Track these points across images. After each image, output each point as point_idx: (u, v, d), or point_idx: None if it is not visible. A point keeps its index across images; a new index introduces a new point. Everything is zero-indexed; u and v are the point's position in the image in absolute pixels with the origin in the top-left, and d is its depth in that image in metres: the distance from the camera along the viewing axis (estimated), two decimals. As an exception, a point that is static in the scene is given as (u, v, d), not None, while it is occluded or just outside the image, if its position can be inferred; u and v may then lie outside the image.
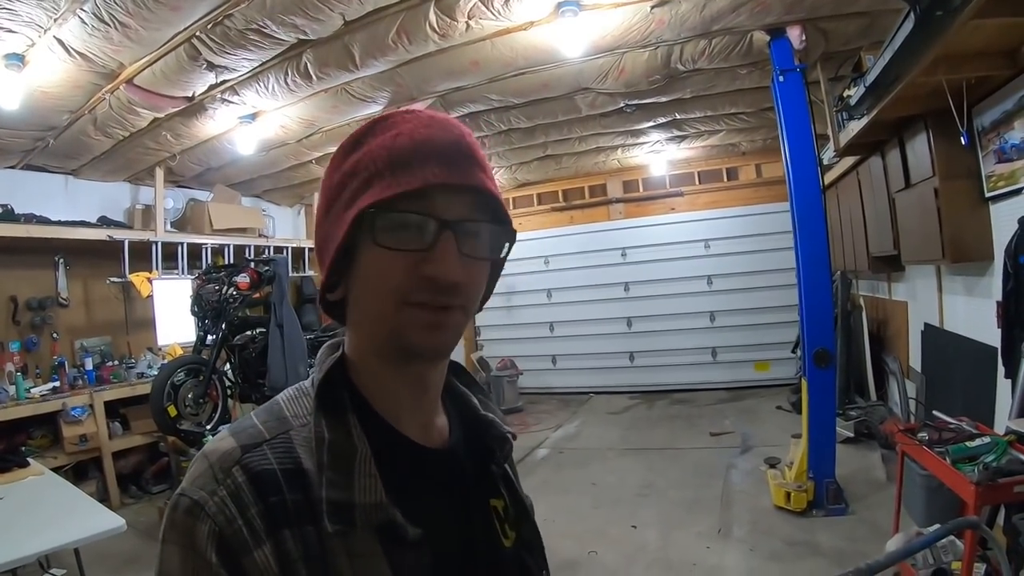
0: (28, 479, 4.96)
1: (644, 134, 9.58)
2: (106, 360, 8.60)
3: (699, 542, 5.54)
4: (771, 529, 5.61)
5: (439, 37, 5.39)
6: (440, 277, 0.89)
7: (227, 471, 0.85)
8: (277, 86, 6.20)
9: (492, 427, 1.15)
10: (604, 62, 6.53)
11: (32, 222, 7.65)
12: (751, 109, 8.36)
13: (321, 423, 0.91)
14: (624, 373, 12.33)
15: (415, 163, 0.89)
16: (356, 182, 0.92)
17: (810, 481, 5.79)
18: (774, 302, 11.13)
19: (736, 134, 9.76)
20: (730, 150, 11.02)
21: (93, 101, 6.20)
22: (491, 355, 12.57)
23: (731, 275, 11.56)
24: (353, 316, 1.00)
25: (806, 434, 5.92)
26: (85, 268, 8.67)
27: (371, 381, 0.99)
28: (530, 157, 10.64)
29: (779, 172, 10.49)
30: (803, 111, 5.91)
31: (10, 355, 7.63)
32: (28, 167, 8.01)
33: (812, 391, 5.91)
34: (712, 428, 9.00)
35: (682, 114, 8.49)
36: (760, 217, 11.32)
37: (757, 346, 11.35)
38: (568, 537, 5.82)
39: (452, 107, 7.40)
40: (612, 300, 12.40)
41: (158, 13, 4.57)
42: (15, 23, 4.57)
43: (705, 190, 11.94)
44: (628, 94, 7.43)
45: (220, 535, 0.80)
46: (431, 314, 0.91)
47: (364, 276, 0.93)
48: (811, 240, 5.90)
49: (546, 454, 8.81)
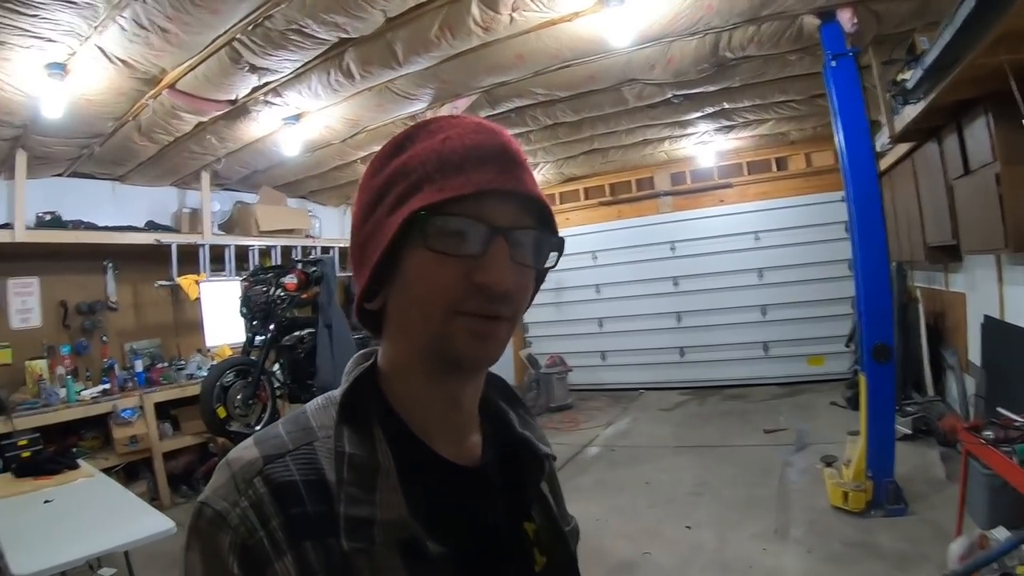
0: (79, 481, 4.98)
1: (692, 125, 9.45)
2: (156, 362, 8.73)
3: (755, 543, 5.39)
4: (829, 530, 5.43)
5: (482, 31, 5.30)
6: (493, 285, 0.86)
7: (249, 481, 0.84)
8: (320, 86, 6.17)
9: (528, 446, 1.12)
10: (651, 52, 6.39)
11: (80, 228, 7.79)
12: (801, 96, 8.16)
13: (343, 436, 0.90)
14: (675, 369, 12.14)
15: (467, 167, 0.87)
16: (403, 185, 0.90)
17: (869, 480, 5.60)
18: (827, 295, 10.88)
19: (785, 123, 9.58)
20: (779, 139, 10.79)
21: (137, 107, 6.23)
22: (540, 352, 12.35)
23: (782, 267, 11.30)
24: (392, 325, 0.97)
25: (864, 431, 5.72)
26: (134, 272, 8.81)
27: (404, 394, 0.96)
28: (577, 151, 10.56)
29: (830, 161, 10.53)
30: (857, 96, 5.71)
31: (61, 358, 7.78)
32: (75, 174, 8.11)
33: (871, 387, 5.70)
34: (766, 425, 8.78)
35: (730, 103, 8.32)
36: (811, 208, 11.05)
37: (810, 340, 11.04)
38: (622, 537, 5.76)
39: (497, 102, 7.36)
40: (661, 295, 12.22)
41: (198, 16, 4.54)
42: (56, 32, 4.57)
43: (754, 181, 11.69)
44: (676, 84, 7.30)
45: (242, 546, 0.80)
46: (481, 324, 0.89)
47: (410, 282, 0.90)
48: (868, 230, 5.70)
49: (598, 452, 8.70)
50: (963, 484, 4.57)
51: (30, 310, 7.89)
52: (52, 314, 8.04)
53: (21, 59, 4.91)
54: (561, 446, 8.84)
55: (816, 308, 11.04)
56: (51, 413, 7.02)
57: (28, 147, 6.93)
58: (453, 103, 7.21)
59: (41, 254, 7.74)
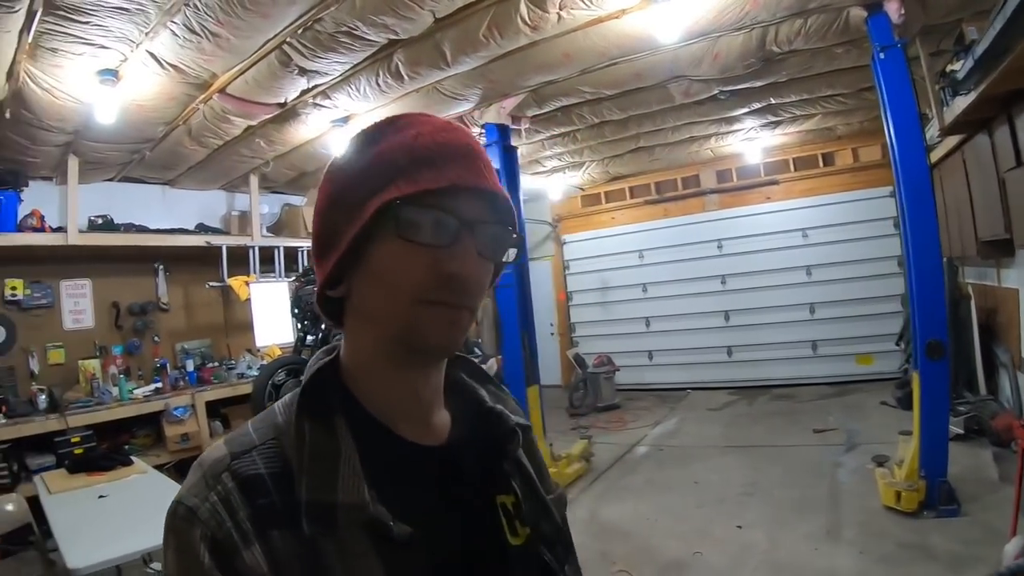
0: (132, 477, 5.04)
1: (738, 121, 9.33)
2: (206, 362, 8.90)
3: (807, 544, 5.29)
4: (881, 531, 5.31)
5: (531, 30, 5.28)
6: (460, 274, 0.91)
7: (217, 477, 0.88)
8: (369, 88, 6.18)
9: (500, 420, 1.13)
10: (698, 47, 6.32)
11: (131, 231, 7.96)
12: (848, 90, 8.04)
13: (304, 426, 0.92)
14: (722, 368, 12.05)
15: (438, 163, 0.91)
16: (375, 176, 0.93)
17: (921, 480, 5.47)
18: (876, 292, 10.73)
19: (832, 117, 9.45)
20: (826, 134, 10.64)
21: (187, 112, 6.30)
22: (587, 352, 12.31)
23: (830, 265, 11.13)
24: (356, 314, 0.99)
25: (917, 430, 5.60)
26: (184, 274, 8.97)
27: (366, 382, 0.99)
28: (623, 150, 10.47)
29: (877, 156, 10.48)
30: (906, 88, 5.56)
31: (113, 358, 7.96)
32: (126, 179, 8.29)
33: (924, 385, 5.55)
34: (815, 424, 8.66)
35: (777, 98, 8.20)
36: (859, 203, 10.92)
37: (859, 338, 10.86)
38: (673, 537, 5.71)
39: (544, 101, 7.34)
40: (709, 293, 12.14)
41: (249, 21, 4.56)
42: (108, 39, 4.62)
43: (801, 177, 11.55)
44: (723, 80, 7.20)
45: (212, 538, 0.83)
46: (448, 312, 0.93)
47: (378, 270, 0.93)
48: (920, 224, 5.56)
49: (646, 451, 8.64)
50: (1019, 484, 4.48)
51: (83, 311, 8.06)
52: (105, 315, 8.21)
53: (73, 66, 4.98)
54: (609, 445, 8.84)
55: (865, 306, 10.87)
56: (104, 411, 7.18)
57: (80, 152, 7.05)
58: (500, 103, 7.21)
59: (94, 256, 7.89)
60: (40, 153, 6.79)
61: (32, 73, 5.04)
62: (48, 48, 4.69)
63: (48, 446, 6.64)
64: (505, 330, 7.45)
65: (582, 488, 7.29)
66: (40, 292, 7.68)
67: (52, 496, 4.68)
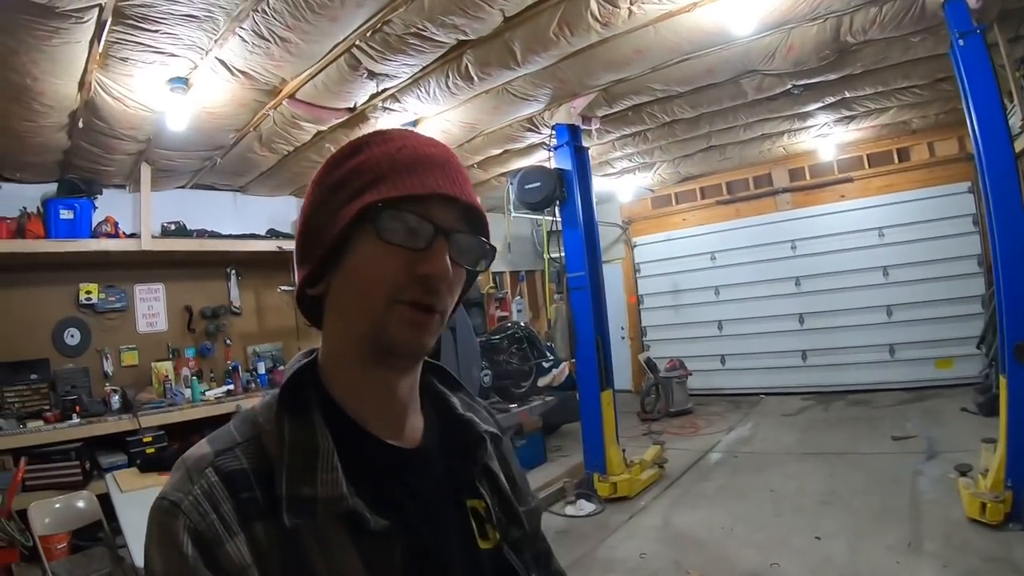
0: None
1: (811, 116, 9.11)
2: (278, 365, 9.02)
3: (888, 556, 5.09)
4: (965, 543, 5.06)
5: (601, 26, 5.18)
6: (434, 275, 0.95)
7: (200, 472, 0.91)
8: (438, 90, 6.15)
9: (470, 427, 1.18)
10: (771, 40, 6.17)
11: (203, 236, 8.10)
12: (924, 81, 7.78)
13: (284, 423, 0.96)
14: (797, 373, 11.76)
15: (419, 171, 0.98)
16: (358, 182, 0.98)
17: (1008, 491, 5.21)
18: (955, 293, 10.35)
19: (907, 110, 9.17)
20: (900, 128, 10.35)
21: (257, 118, 6.35)
22: (659, 356, 12.16)
23: (908, 265, 10.78)
24: (333, 313, 1.03)
25: (1004, 437, 5.35)
26: (256, 278, 9.14)
27: (342, 382, 1.03)
28: (693, 149, 10.30)
29: (953, 150, 10.28)
30: (988, 76, 5.33)
31: (186, 360, 8.16)
32: (197, 186, 8.43)
33: (1012, 390, 5.29)
34: (894, 431, 8.38)
35: (851, 91, 7.98)
36: (936, 200, 10.59)
37: (938, 342, 10.47)
38: (749, 547, 5.59)
39: (615, 100, 7.25)
40: (782, 296, 11.89)
41: (317, 25, 4.56)
42: (177, 47, 4.66)
43: (875, 174, 11.22)
44: (796, 74, 7.03)
45: (195, 530, 0.85)
46: (416, 313, 0.96)
47: (355, 269, 0.97)
48: (1006, 218, 5.31)
49: (720, 458, 8.51)
50: None
51: (156, 314, 8.27)
52: (178, 318, 8.41)
53: (144, 75, 5.04)
54: (683, 451, 8.74)
55: (944, 307, 10.51)
56: (175, 412, 7.33)
57: (152, 160, 7.18)
58: (571, 103, 7.13)
59: (167, 262, 8.09)
60: (113, 161, 6.92)
61: (103, 83, 5.12)
62: (119, 57, 4.75)
63: (120, 445, 6.80)
64: (579, 334, 7.34)
65: (655, 495, 7.20)
66: (114, 296, 7.86)
67: (123, 494, 4.76)
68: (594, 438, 7.27)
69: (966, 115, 5.57)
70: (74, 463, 6.34)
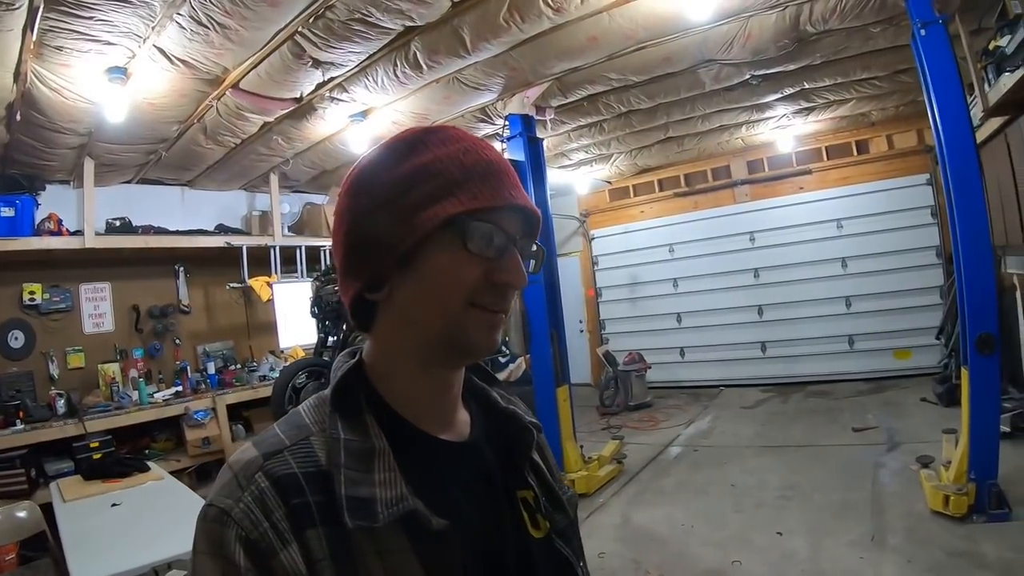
0: (147, 484, 4.95)
1: (770, 108, 9.08)
2: (228, 364, 8.85)
3: (851, 552, 5.05)
4: (929, 537, 5.05)
5: (553, 12, 5.06)
6: (513, 283, 1.00)
7: (250, 478, 0.88)
8: (387, 79, 6.00)
9: (515, 419, 1.19)
10: (729, 28, 6.10)
11: (150, 233, 7.90)
12: (884, 72, 7.78)
13: (337, 425, 0.95)
14: (756, 364, 11.79)
15: (492, 180, 1.00)
16: (429, 186, 0.97)
17: (971, 483, 5.23)
18: (914, 284, 10.46)
19: (867, 102, 9.18)
20: (860, 120, 10.37)
21: (201, 109, 6.18)
22: (617, 349, 12.08)
23: (866, 256, 10.84)
24: (395, 317, 1.02)
25: (966, 429, 5.35)
26: (205, 275, 8.94)
27: (392, 382, 1.03)
28: (651, 140, 10.25)
29: (912, 142, 10.42)
30: (950, 66, 5.30)
31: (134, 361, 7.97)
32: (143, 181, 8.23)
33: (974, 381, 5.30)
34: (854, 423, 8.41)
35: (811, 83, 7.95)
36: (895, 192, 10.65)
37: (897, 332, 10.58)
38: (709, 544, 5.53)
39: (569, 90, 7.15)
40: (741, 288, 11.89)
41: (257, 10, 4.42)
42: (113, 34, 4.50)
43: (834, 166, 11.27)
44: (754, 63, 6.97)
45: (247, 539, 0.83)
46: (491, 316, 1.00)
47: (432, 275, 0.97)
48: (968, 210, 5.31)
49: (680, 452, 8.45)
50: None
51: (103, 314, 8.05)
52: (125, 318, 8.19)
53: (81, 65, 4.88)
54: (642, 446, 8.70)
55: (903, 299, 10.61)
56: (123, 415, 7.15)
57: (95, 154, 6.99)
58: (524, 93, 7.00)
59: (112, 260, 7.87)
60: (55, 156, 6.74)
61: (39, 73, 4.96)
62: (53, 46, 4.59)
63: (67, 451, 6.60)
64: (534, 329, 7.22)
65: (614, 491, 7.10)
66: (59, 296, 7.66)
67: (66, 504, 4.61)
68: (551, 435, 7.10)
69: (927, 106, 5.56)
70: (19, 471, 6.16)
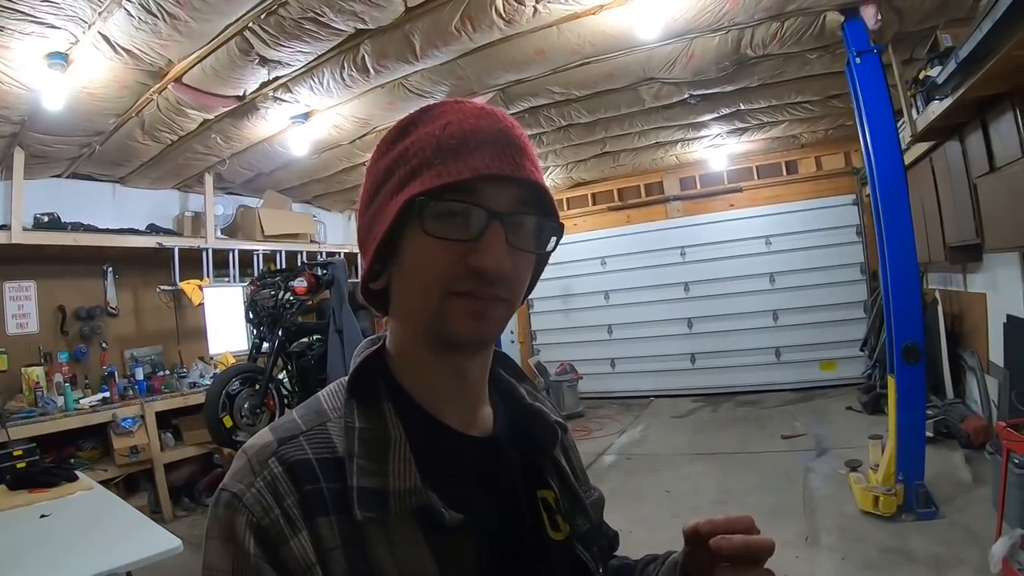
0: (76, 494, 4.75)
1: (706, 127, 9.35)
2: (157, 370, 8.60)
3: (787, 552, 5.16)
4: (861, 536, 5.34)
5: (505, 23, 5.13)
6: (487, 268, 0.89)
7: (263, 463, 0.87)
8: (332, 82, 5.98)
9: (540, 417, 1.15)
10: (673, 48, 6.28)
11: (79, 230, 7.61)
12: (817, 97, 8.10)
13: (353, 412, 0.94)
14: (686, 375, 12.01)
15: (464, 152, 0.89)
16: (404, 169, 0.93)
17: (899, 484, 5.53)
18: (839, 299, 10.86)
19: (798, 124, 9.50)
20: (790, 142, 10.72)
21: (140, 102, 6.03)
22: (549, 360, 12.28)
23: (794, 272, 11.21)
24: (396, 306, 1.01)
25: (894, 434, 5.65)
26: (134, 277, 8.68)
27: (410, 371, 1.00)
28: (588, 154, 10.42)
29: (840, 164, 10.88)
30: (882, 93, 5.66)
31: (58, 366, 7.60)
32: (75, 175, 7.95)
33: (901, 387, 5.62)
34: (782, 430, 8.68)
35: (747, 104, 8.21)
36: (822, 211, 11.06)
37: (823, 345, 10.96)
38: (648, 549, 5.43)
39: (512, 101, 7.21)
40: (672, 301, 12.12)
41: (210, 2, 4.36)
42: (58, 17, 4.36)
43: (764, 185, 11.62)
44: (695, 83, 7.18)
45: (257, 526, 0.82)
46: (475, 303, 0.91)
47: (409, 264, 0.93)
48: (896, 228, 5.64)
49: (614, 460, 8.53)
50: (1004, 483, 4.54)
51: (27, 315, 7.69)
52: (50, 319, 7.85)
53: (21, 47, 4.70)
54: (575, 455, 8.67)
55: (828, 312, 11.00)
56: (48, 422, 6.83)
57: (26, 145, 6.73)
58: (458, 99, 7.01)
59: (39, 257, 7.57)
60: (-18, 145, 6.47)
61: (-25, 54, 4.77)
62: (-7, 26, 4.42)
63: (-9, 460, 6.32)
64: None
65: (549, 499, 7.07)
66: (-20, 294, 7.31)
67: (-11, 515, 4.42)
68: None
69: (859, 129, 5.93)
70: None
